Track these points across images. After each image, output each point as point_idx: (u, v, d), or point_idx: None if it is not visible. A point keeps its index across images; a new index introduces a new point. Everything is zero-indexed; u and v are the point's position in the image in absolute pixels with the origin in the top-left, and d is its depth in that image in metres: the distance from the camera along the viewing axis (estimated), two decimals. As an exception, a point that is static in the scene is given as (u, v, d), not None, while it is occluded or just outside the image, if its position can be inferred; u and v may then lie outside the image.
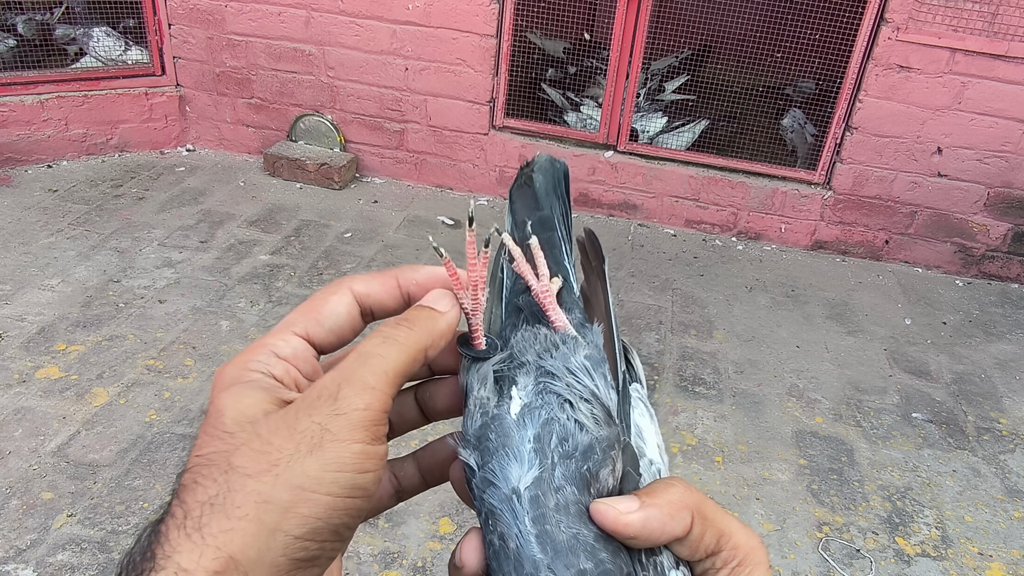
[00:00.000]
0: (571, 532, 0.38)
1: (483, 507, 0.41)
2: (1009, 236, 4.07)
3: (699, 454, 2.75)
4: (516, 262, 0.48)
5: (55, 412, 2.61)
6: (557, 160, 0.54)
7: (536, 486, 0.39)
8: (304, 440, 0.36)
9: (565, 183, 0.53)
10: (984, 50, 3.65)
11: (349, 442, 0.36)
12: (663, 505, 0.39)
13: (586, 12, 4.90)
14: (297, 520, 0.34)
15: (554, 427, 0.41)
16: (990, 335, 3.69)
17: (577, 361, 0.44)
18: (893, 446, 2.90)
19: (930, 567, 2.41)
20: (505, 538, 0.39)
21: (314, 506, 0.35)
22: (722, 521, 0.40)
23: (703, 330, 3.48)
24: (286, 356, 0.42)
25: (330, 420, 0.36)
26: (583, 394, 0.43)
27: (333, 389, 0.37)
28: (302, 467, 0.35)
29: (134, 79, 4.41)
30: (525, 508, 0.39)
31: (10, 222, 3.70)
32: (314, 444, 0.35)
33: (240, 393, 0.39)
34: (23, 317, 3.05)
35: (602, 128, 4.29)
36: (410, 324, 0.42)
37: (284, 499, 0.34)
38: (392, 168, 4.56)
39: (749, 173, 4.22)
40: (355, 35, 4.20)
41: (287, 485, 0.34)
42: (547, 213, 0.51)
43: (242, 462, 0.35)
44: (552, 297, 0.47)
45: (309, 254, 3.72)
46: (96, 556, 2.13)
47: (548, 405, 0.42)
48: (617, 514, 0.38)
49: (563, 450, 0.40)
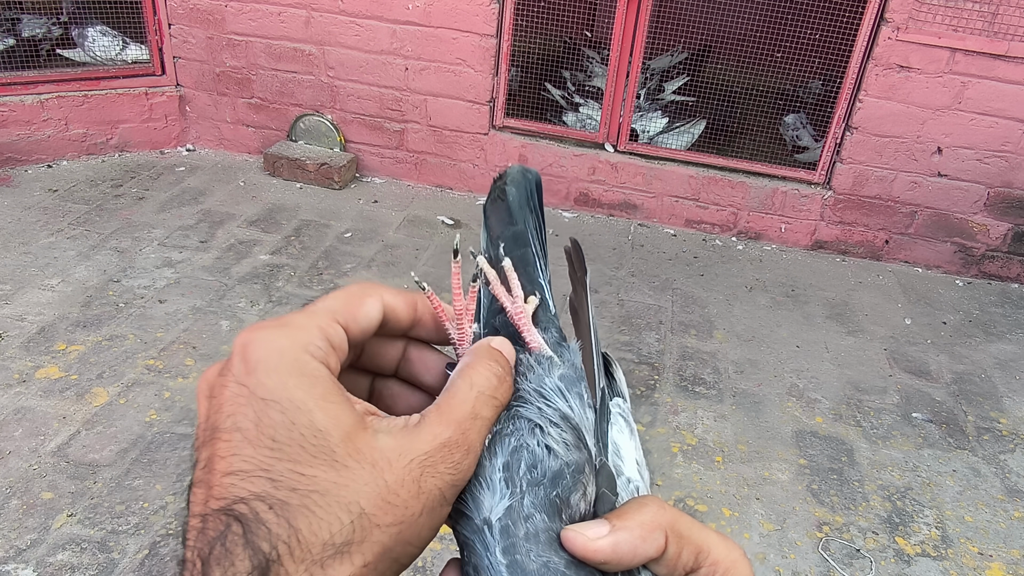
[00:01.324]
0: (541, 561, 0.38)
1: (458, 537, 0.41)
2: (1009, 236, 4.07)
3: (699, 454, 2.75)
4: (491, 284, 0.48)
5: (55, 412, 2.61)
6: (529, 170, 0.53)
7: (507, 516, 0.39)
8: (428, 503, 0.37)
9: (538, 194, 0.53)
10: (984, 50, 3.65)
11: (451, 505, 0.39)
12: (634, 528, 0.38)
13: (586, 12, 4.90)
14: (397, 567, 0.36)
15: (523, 454, 0.41)
16: (990, 335, 3.69)
17: (551, 383, 0.44)
18: (893, 446, 2.90)
19: (930, 567, 2.41)
20: (478, 569, 0.38)
21: (409, 558, 0.37)
22: (699, 537, 0.40)
23: (703, 330, 3.48)
24: (336, 345, 0.40)
25: (450, 490, 0.38)
26: (552, 418, 0.42)
27: (457, 457, 0.38)
28: (419, 527, 0.37)
29: (134, 79, 4.41)
30: (496, 539, 0.38)
31: (10, 222, 3.70)
32: (433, 508, 0.37)
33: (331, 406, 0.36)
34: (23, 317, 3.05)
35: (602, 128, 4.29)
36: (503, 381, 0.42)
37: (397, 552, 0.36)
38: (392, 168, 4.56)
39: (749, 173, 4.22)
40: (355, 35, 4.20)
41: (404, 541, 0.36)
42: (520, 228, 0.51)
43: (372, 510, 0.35)
44: (527, 318, 0.47)
45: (309, 254, 3.72)
46: (96, 556, 2.13)
47: (518, 431, 0.42)
48: (586, 540, 0.37)
49: (532, 477, 0.40)
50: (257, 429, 0.34)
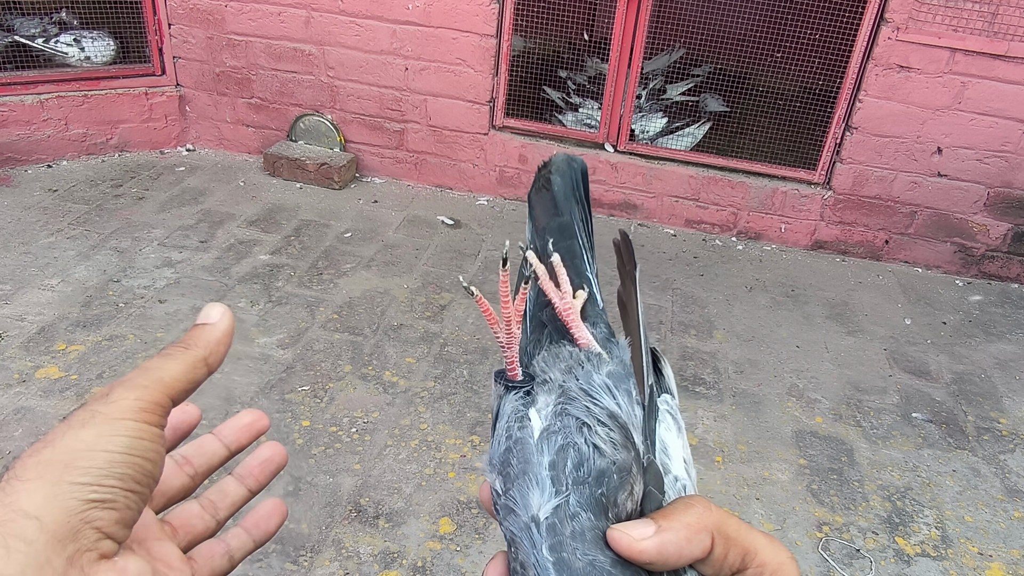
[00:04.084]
0: (587, 559, 0.37)
1: (505, 533, 0.41)
2: (1009, 236, 4.07)
3: (699, 454, 2.75)
4: (539, 280, 0.48)
5: (55, 412, 2.60)
6: (575, 159, 0.52)
7: (554, 514, 0.39)
8: (76, 421, 0.39)
9: (584, 184, 0.52)
10: (984, 50, 3.65)
11: (119, 419, 0.39)
12: (680, 528, 0.38)
13: (586, 12, 4.90)
14: (78, 470, 0.37)
15: (569, 452, 0.41)
16: (990, 335, 3.69)
17: (599, 380, 0.44)
18: (893, 446, 2.90)
19: (930, 567, 2.41)
20: (525, 567, 0.38)
21: (92, 459, 0.38)
22: (747, 538, 0.39)
23: (703, 330, 3.48)
24: None
25: (101, 406, 0.39)
26: (600, 416, 0.42)
27: (106, 391, 0.40)
28: (76, 436, 0.38)
29: (134, 79, 4.41)
30: (543, 536, 0.38)
31: (10, 222, 3.70)
32: (85, 421, 0.39)
33: None
34: (23, 317, 3.05)
35: (602, 128, 4.29)
36: (186, 342, 0.45)
37: (62, 459, 0.37)
38: (392, 168, 4.56)
39: (749, 173, 4.22)
40: (355, 35, 4.20)
41: (63, 450, 0.37)
42: (567, 219, 0.51)
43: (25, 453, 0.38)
44: (576, 314, 0.47)
45: (309, 254, 3.72)
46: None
47: (566, 429, 0.42)
48: (631, 541, 0.37)
49: (578, 475, 0.40)
50: None
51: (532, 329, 0.48)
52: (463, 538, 2.30)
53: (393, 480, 2.47)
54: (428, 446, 2.61)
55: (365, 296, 3.44)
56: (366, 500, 2.40)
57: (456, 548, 2.27)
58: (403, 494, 2.43)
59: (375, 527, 2.31)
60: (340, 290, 3.46)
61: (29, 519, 0.35)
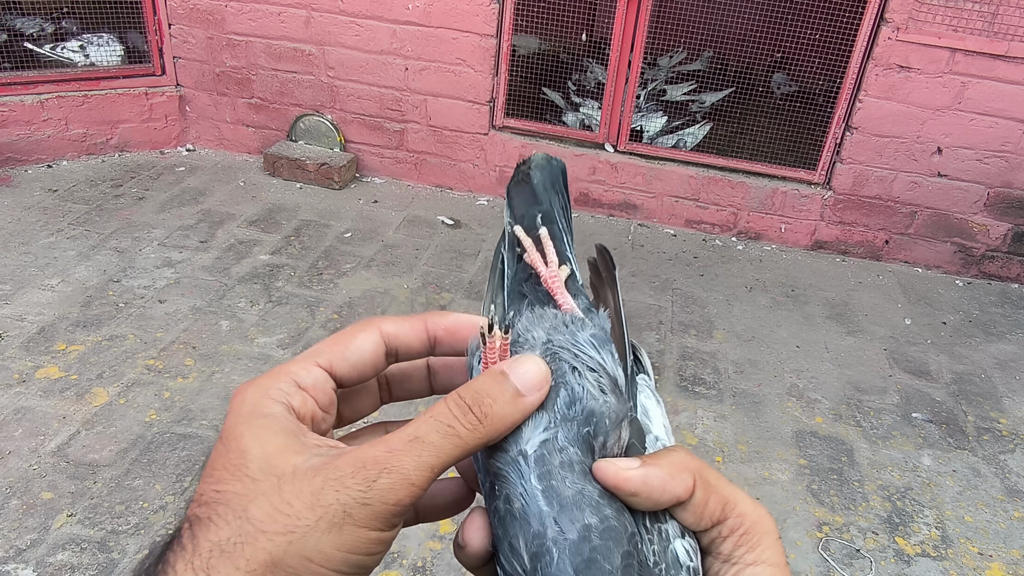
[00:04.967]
0: (576, 488, 0.38)
1: (488, 475, 0.41)
2: (1009, 236, 4.07)
3: (699, 454, 2.74)
4: (527, 252, 0.49)
5: (55, 412, 2.61)
6: (554, 158, 0.55)
7: (543, 447, 0.39)
8: (325, 517, 0.35)
9: (563, 180, 0.54)
10: (984, 50, 3.65)
11: (367, 530, 0.36)
12: (664, 465, 0.39)
13: (586, 12, 4.90)
14: None
15: (560, 391, 0.41)
16: (990, 335, 3.69)
17: (584, 337, 0.45)
18: (893, 446, 2.90)
19: (930, 567, 2.41)
20: (510, 499, 0.39)
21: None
22: (726, 489, 0.40)
23: (703, 330, 3.48)
24: (307, 386, 0.42)
25: (356, 508, 0.35)
26: (590, 363, 0.43)
27: (372, 474, 0.36)
28: (316, 542, 0.35)
29: (134, 79, 4.41)
30: (531, 466, 0.39)
31: (10, 222, 3.70)
32: (333, 524, 0.35)
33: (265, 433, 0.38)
34: (23, 317, 3.05)
35: (602, 128, 4.29)
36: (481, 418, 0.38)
37: (292, 566, 0.35)
38: (392, 168, 4.56)
39: (749, 173, 4.22)
40: (355, 35, 4.20)
41: (298, 554, 0.35)
42: (547, 207, 0.52)
43: (259, 515, 0.35)
44: (560, 282, 0.49)
45: (309, 254, 3.72)
46: (96, 556, 2.13)
47: (558, 372, 0.42)
48: (617, 470, 0.38)
49: (568, 412, 0.41)
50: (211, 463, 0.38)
51: (511, 302, 0.50)
52: (463, 538, 2.30)
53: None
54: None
55: (365, 296, 3.44)
56: (366, 500, 2.40)
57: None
58: (403, 494, 2.43)
59: (375, 527, 2.31)
60: (340, 290, 3.46)
61: None
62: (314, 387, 0.42)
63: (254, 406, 0.39)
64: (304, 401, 0.41)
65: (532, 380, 0.40)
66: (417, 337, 0.46)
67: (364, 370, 0.44)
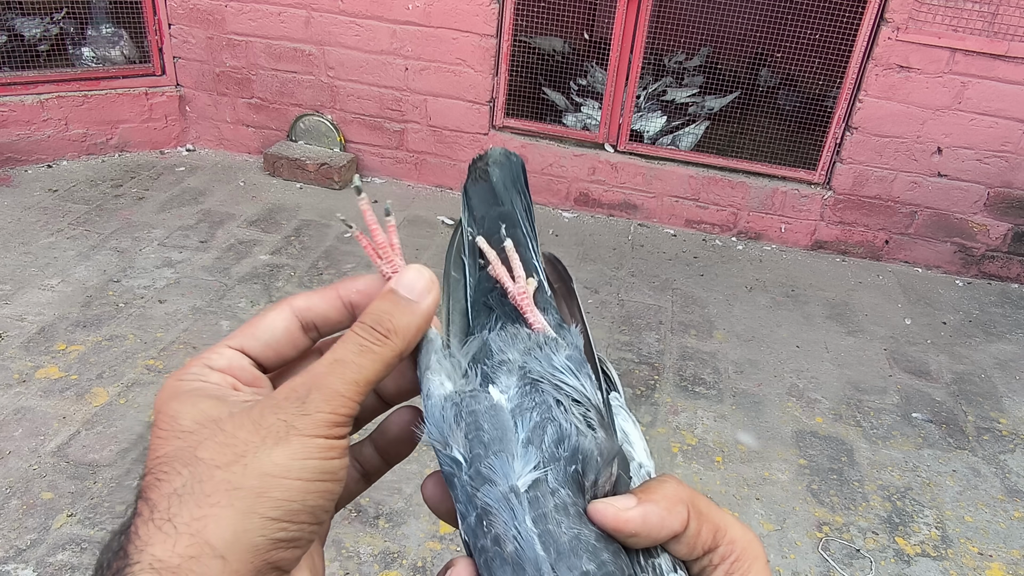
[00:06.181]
0: (572, 532, 0.37)
1: (473, 507, 0.39)
2: (1009, 236, 4.07)
3: (699, 454, 2.75)
4: (491, 265, 0.47)
5: (55, 412, 2.61)
6: (512, 153, 0.52)
7: (535, 487, 0.38)
8: (270, 434, 0.37)
9: (524, 177, 0.52)
10: (984, 50, 3.65)
11: (313, 436, 0.37)
12: (660, 500, 0.38)
13: (586, 12, 4.90)
14: (271, 503, 0.36)
15: (547, 429, 0.40)
16: (990, 335, 3.69)
17: (560, 362, 0.43)
18: (893, 446, 2.90)
19: (930, 567, 2.41)
20: (501, 541, 0.37)
21: (286, 490, 0.36)
22: (717, 516, 0.40)
23: (703, 330, 3.48)
24: (220, 367, 0.42)
25: (296, 419, 0.37)
26: (573, 395, 0.42)
27: (302, 392, 0.38)
28: (270, 457, 0.36)
29: (134, 79, 4.41)
30: (524, 507, 0.37)
31: (10, 222, 3.70)
32: (280, 437, 0.37)
33: (192, 399, 0.40)
34: (23, 317, 3.05)
35: (602, 128, 4.29)
36: (386, 333, 0.41)
37: (255, 485, 0.35)
38: (392, 168, 4.56)
39: (749, 173, 4.22)
40: (355, 35, 4.20)
41: (256, 472, 0.36)
42: (508, 208, 0.50)
43: (208, 455, 0.36)
44: (530, 299, 0.46)
45: (309, 254, 3.72)
46: (96, 556, 2.13)
47: (542, 406, 0.41)
48: (616, 511, 0.38)
49: (556, 452, 0.39)
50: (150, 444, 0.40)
51: (476, 314, 0.48)
52: (463, 538, 2.30)
53: (393, 480, 2.47)
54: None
55: (365, 296, 3.43)
56: (366, 500, 2.40)
57: (456, 548, 2.27)
58: (403, 494, 2.43)
59: (375, 527, 2.31)
60: (340, 290, 3.46)
61: (215, 558, 0.34)
62: (229, 367, 0.43)
63: (173, 389, 0.41)
64: (222, 379, 0.42)
65: (419, 286, 0.43)
66: (332, 306, 0.46)
67: (279, 347, 0.45)
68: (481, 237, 0.48)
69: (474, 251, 0.49)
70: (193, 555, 0.34)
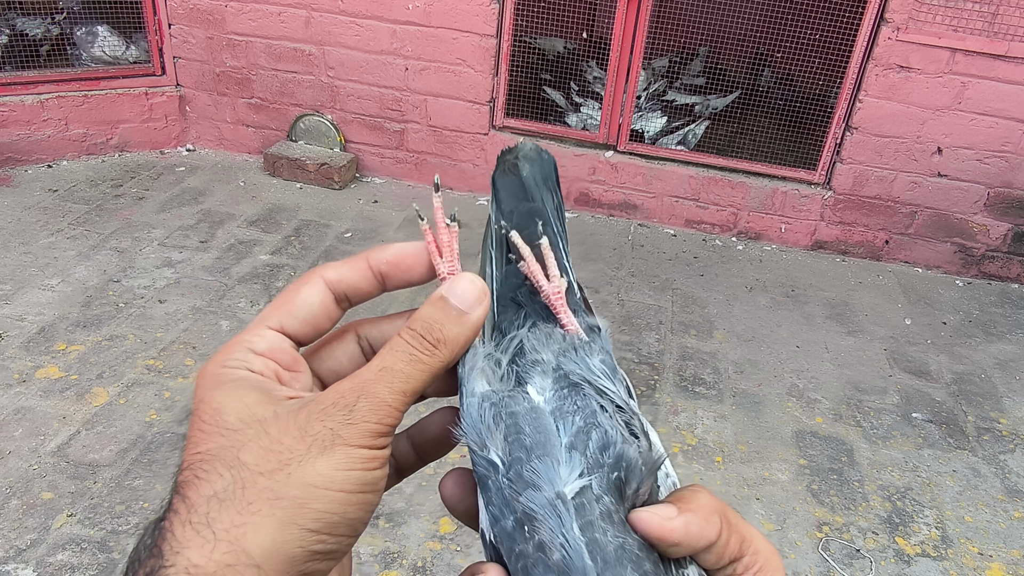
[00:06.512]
0: (617, 542, 0.36)
1: (511, 511, 0.38)
2: (1009, 236, 4.07)
3: (699, 454, 2.75)
4: (525, 262, 0.46)
5: (55, 412, 2.61)
6: (544, 151, 0.51)
7: (581, 495, 0.38)
8: (316, 442, 0.37)
9: (556, 176, 0.51)
10: (984, 50, 3.65)
11: (358, 447, 0.37)
12: (698, 510, 0.38)
13: (586, 12, 4.90)
14: (312, 515, 0.35)
15: (592, 434, 0.39)
16: (990, 335, 3.69)
17: (596, 365, 0.43)
18: (893, 446, 2.90)
19: (930, 567, 2.41)
20: (546, 547, 0.36)
21: (328, 501, 0.36)
22: (743, 527, 0.40)
23: (703, 330, 3.48)
24: (262, 351, 0.42)
25: (342, 427, 0.37)
26: (615, 400, 0.42)
27: (350, 400, 0.38)
28: (314, 467, 0.36)
29: (134, 79, 4.41)
30: (571, 514, 0.37)
31: (10, 222, 3.70)
32: (325, 447, 0.36)
33: (237, 392, 0.39)
34: (23, 317, 3.05)
35: (602, 128, 4.29)
36: (435, 343, 0.41)
37: (297, 495, 0.35)
38: (392, 168, 4.56)
39: (749, 173, 4.22)
40: (355, 35, 4.20)
41: (300, 482, 0.36)
42: (539, 206, 0.49)
43: (252, 459, 0.36)
44: (563, 299, 0.46)
45: (309, 254, 3.72)
46: (96, 556, 2.13)
47: (585, 410, 0.40)
48: (661, 520, 0.38)
49: (601, 458, 0.39)
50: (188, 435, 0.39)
51: (502, 309, 0.47)
52: (463, 538, 2.30)
53: (393, 480, 2.47)
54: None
55: (365, 296, 3.44)
56: (366, 500, 2.40)
57: (456, 548, 2.27)
58: (403, 494, 2.43)
59: (375, 527, 2.31)
60: (340, 290, 3.46)
61: (251, 567, 0.34)
62: (270, 350, 0.42)
63: (217, 377, 0.40)
64: (265, 365, 0.41)
65: (471, 296, 0.43)
66: (363, 276, 0.45)
67: (317, 322, 0.44)
68: (515, 232, 0.47)
69: (502, 245, 0.48)
70: (230, 563, 0.34)
